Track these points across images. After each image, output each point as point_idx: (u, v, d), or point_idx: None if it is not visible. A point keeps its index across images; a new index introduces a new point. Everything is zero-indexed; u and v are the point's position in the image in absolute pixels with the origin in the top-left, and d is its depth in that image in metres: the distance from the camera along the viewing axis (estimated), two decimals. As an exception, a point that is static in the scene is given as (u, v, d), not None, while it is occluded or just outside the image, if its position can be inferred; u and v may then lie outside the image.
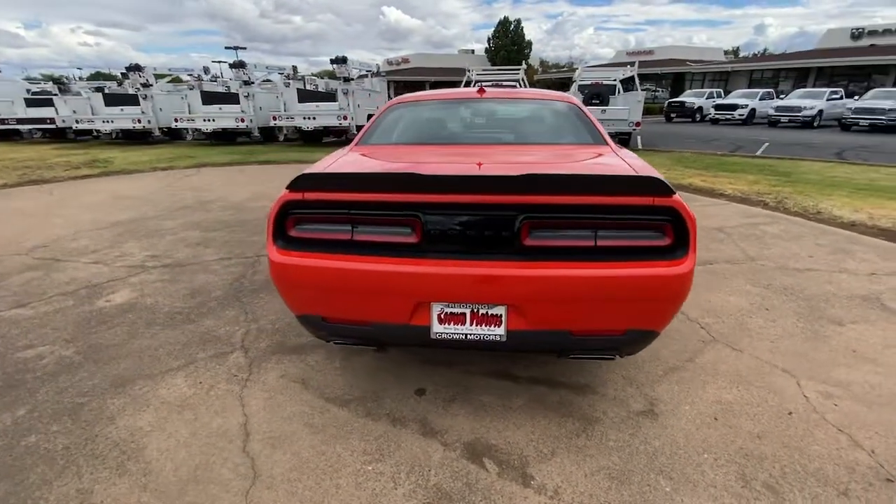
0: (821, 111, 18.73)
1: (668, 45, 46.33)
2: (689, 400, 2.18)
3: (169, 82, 15.55)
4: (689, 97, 25.01)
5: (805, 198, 6.23)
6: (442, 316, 1.82)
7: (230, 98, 13.39)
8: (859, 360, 2.48)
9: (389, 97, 16.26)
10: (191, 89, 13.17)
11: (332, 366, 2.46)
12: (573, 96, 2.89)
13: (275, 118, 12.47)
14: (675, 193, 1.67)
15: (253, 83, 13.00)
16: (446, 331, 1.83)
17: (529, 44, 53.04)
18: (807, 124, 18.80)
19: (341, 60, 11.99)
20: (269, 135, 13.84)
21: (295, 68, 15.09)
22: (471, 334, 1.82)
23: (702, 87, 32.94)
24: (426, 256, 1.77)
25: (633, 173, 1.90)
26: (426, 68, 47.79)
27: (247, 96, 12.68)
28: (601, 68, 14.37)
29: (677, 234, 1.71)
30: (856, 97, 19.92)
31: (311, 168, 2.13)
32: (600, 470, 1.78)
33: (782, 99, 21.28)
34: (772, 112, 19.81)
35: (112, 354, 2.56)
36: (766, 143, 13.37)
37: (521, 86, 13.29)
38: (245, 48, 38.48)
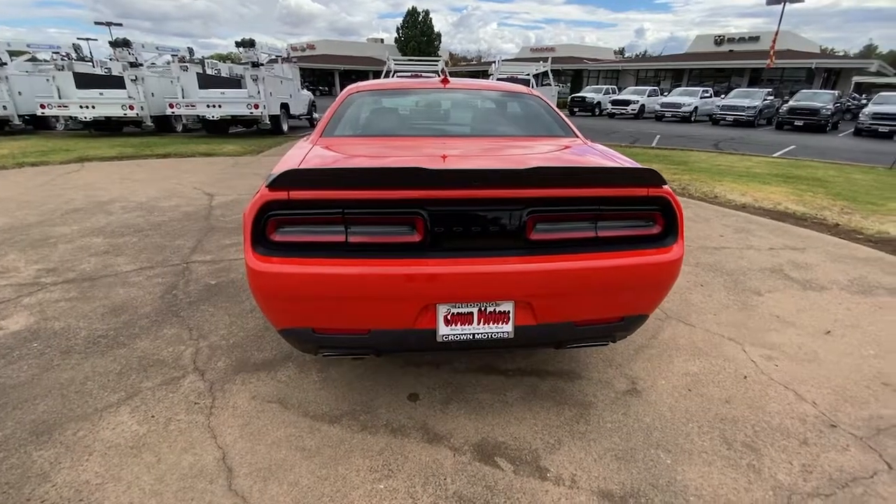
0: (696, 107, 21.38)
1: (566, 43, 49.60)
2: (662, 375, 2.35)
3: (27, 61, 13.00)
4: (589, 93, 27.00)
5: (702, 184, 7.07)
6: (448, 317, 1.74)
7: (113, 82, 11.59)
8: (783, 325, 2.87)
9: (302, 85, 15.32)
10: (60, 70, 11.13)
11: (308, 380, 2.25)
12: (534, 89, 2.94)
13: (172, 106, 11.06)
14: (666, 184, 1.76)
15: (141, 65, 11.38)
16: (453, 332, 1.75)
17: (439, 35, 53.35)
18: (685, 119, 21.35)
19: (249, 43, 10.98)
20: (163, 124, 12.27)
21: (191, 50, 13.50)
22: (478, 334, 1.76)
23: (597, 84, 35.79)
24: (431, 256, 1.67)
25: (624, 165, 1.97)
26: (334, 56, 45.91)
27: (134, 80, 11.06)
28: (517, 62, 14.89)
29: (668, 223, 1.81)
30: (722, 96, 23.06)
31: (288, 164, 1.90)
32: (606, 452, 1.84)
33: (665, 96, 23.93)
34: (658, 108, 22.19)
35: (22, 396, 2.08)
36: (658, 136, 14.95)
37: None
38: (121, 24, 33.59)
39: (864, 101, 22.55)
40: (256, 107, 11.26)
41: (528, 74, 14.44)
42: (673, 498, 1.64)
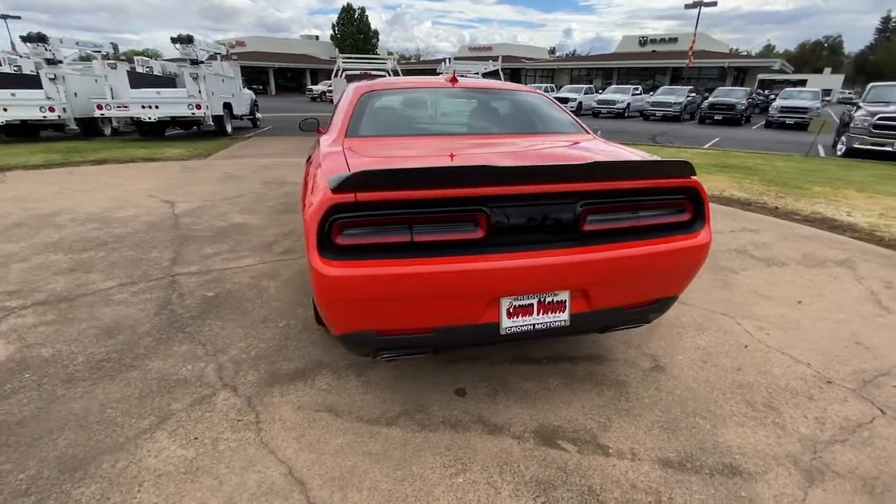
0: (629, 104, 22.83)
1: (502, 42, 50.81)
2: (678, 351, 2.55)
3: None
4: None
5: (654, 175, 7.60)
6: (511, 310, 1.79)
7: (27, 81, 10.35)
8: (761, 298, 3.21)
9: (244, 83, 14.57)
10: (-43, 68, 9.76)
11: (349, 385, 2.21)
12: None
13: (101, 107, 10.04)
14: (696, 174, 1.93)
15: (60, 62, 10.22)
16: (515, 324, 1.81)
17: (376, 33, 52.76)
18: (619, 115, 22.73)
19: (186, 40, 10.23)
20: (89, 127, 11.13)
21: (115, 46, 12.32)
22: (538, 324, 1.84)
23: (534, 82, 37.11)
24: (495, 251, 1.72)
25: (651, 158, 2.12)
26: (267, 53, 43.83)
27: (53, 79, 9.93)
28: (467, 61, 15.08)
29: (697, 210, 1.98)
30: (651, 93, 24.79)
31: (334, 166, 1.85)
32: (653, 425, 1.99)
33: (600, 94, 25.32)
34: (594, 104, 23.45)
35: (34, 432, 1.87)
36: (598, 131, 15.79)
37: (389, 75, 13.22)
38: (19, 17, 29.92)
39: (771, 97, 25.20)
40: (199, 107, 10.54)
41: (477, 73, 14.70)
42: (722, 458, 1.81)
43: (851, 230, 4.76)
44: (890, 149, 9.64)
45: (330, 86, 12.82)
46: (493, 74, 13.55)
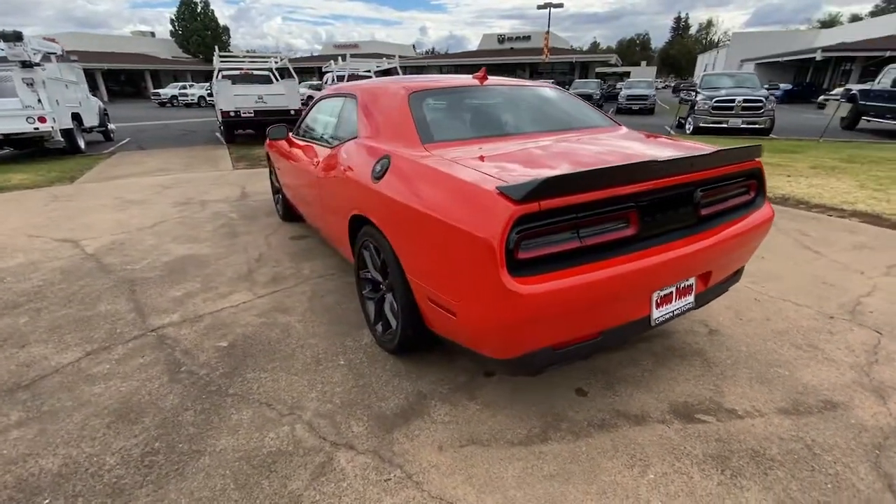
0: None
1: (365, 39, 50.17)
2: (714, 314, 2.87)
3: None
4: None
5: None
6: (658, 301, 1.84)
7: None
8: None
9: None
10: None
11: (469, 411, 2.04)
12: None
13: None
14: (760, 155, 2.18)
15: None
16: (661, 314, 1.87)
17: (226, 29, 47.80)
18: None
19: (13, 36, 8.04)
20: None
21: None
22: (675, 310, 1.92)
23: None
24: (648, 247, 1.74)
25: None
26: (91, 52, 36.76)
27: None
28: (361, 59, 14.50)
29: (759, 187, 2.25)
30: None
31: (470, 178, 1.65)
32: (751, 382, 2.23)
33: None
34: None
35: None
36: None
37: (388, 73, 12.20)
38: None
39: (616, 88, 29.06)
40: (43, 120, 8.44)
41: (370, 71, 14.33)
42: (817, 397, 2.11)
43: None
44: (726, 125, 11.98)
45: (213, 89, 11.34)
46: (388, 72, 13.33)
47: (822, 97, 26.60)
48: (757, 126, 11.98)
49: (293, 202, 4.24)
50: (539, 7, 28.75)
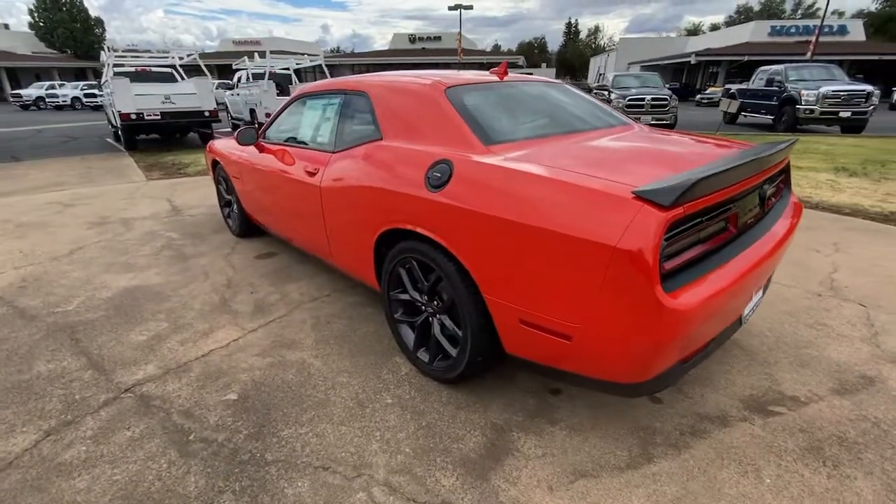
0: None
1: (266, 36, 47.13)
2: (726, 302, 2.99)
3: None
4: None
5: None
6: (748, 297, 1.81)
7: None
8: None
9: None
10: None
11: (557, 439, 1.86)
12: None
13: None
14: (789, 150, 2.28)
15: None
16: (748, 310, 1.85)
17: (99, 21, 41.74)
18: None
19: None
20: None
21: None
22: (756, 304, 1.92)
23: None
24: (745, 247, 1.70)
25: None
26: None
27: None
28: (279, 56, 13.32)
29: (788, 178, 2.35)
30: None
31: (590, 184, 1.46)
32: (793, 367, 2.32)
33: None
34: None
35: None
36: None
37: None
38: None
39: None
40: None
41: (288, 69, 13.35)
42: (853, 373, 2.25)
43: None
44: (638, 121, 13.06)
45: (106, 88, 9.79)
46: (315, 70, 12.48)
47: (698, 96, 30.45)
48: (663, 122, 13.22)
49: (259, 215, 3.70)
50: (450, 8, 29.15)
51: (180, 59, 11.38)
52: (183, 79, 11.50)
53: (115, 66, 10.25)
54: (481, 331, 1.83)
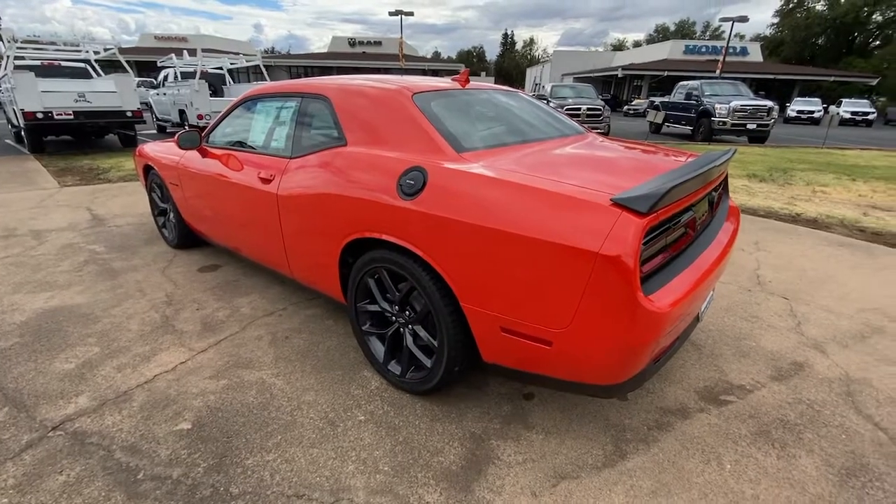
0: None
1: (201, 34, 44.33)
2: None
3: None
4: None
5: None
6: (706, 295, 1.94)
7: None
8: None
9: None
10: None
11: (535, 442, 1.88)
12: None
13: None
14: (728, 158, 2.48)
15: None
16: (703, 307, 1.98)
17: (-10, 7, 36.82)
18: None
19: None
20: None
21: None
22: (709, 301, 2.06)
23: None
24: (703, 248, 1.82)
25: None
26: None
27: None
28: (211, 55, 12.46)
29: (725, 184, 2.56)
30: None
31: (557, 188, 1.49)
32: (735, 358, 2.52)
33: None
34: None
35: None
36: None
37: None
38: None
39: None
40: None
41: (221, 68, 12.61)
42: (786, 361, 2.48)
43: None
44: (576, 130, 13.75)
45: (5, 83, 8.70)
46: (251, 70, 11.86)
47: (626, 107, 32.71)
48: (598, 130, 14.02)
49: (201, 225, 3.43)
50: (391, 14, 29.03)
51: (96, 53, 10.35)
52: (99, 75, 10.48)
53: (16, 58, 9.10)
54: (458, 340, 1.81)
